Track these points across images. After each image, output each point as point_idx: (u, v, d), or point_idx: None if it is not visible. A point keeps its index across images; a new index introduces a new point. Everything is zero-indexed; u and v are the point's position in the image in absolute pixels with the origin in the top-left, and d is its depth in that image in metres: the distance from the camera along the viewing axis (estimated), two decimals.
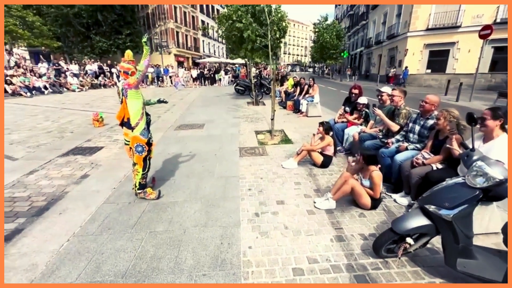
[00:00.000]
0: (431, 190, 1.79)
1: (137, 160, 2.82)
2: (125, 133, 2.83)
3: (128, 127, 2.75)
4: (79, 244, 2.26)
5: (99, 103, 10.72)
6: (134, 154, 2.80)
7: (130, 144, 2.79)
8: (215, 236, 2.35)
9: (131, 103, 2.66)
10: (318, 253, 2.14)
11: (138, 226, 2.52)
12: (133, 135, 2.73)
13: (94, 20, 24.38)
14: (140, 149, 2.77)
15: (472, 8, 16.52)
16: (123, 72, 2.67)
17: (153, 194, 3.00)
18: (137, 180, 2.90)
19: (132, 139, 2.75)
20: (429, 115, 3.07)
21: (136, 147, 2.76)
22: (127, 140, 2.84)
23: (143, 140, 2.77)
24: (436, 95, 3.11)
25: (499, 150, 2.09)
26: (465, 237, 1.64)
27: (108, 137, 5.66)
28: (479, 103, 10.77)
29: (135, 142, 2.75)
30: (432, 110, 3.05)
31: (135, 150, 2.77)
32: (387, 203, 2.93)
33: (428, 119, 3.06)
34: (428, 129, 3.05)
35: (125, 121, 2.74)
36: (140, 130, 2.73)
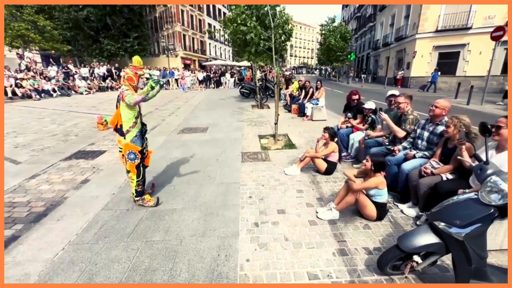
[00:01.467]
0: (441, 205, 1.66)
1: (130, 168, 2.76)
2: (118, 140, 2.78)
3: (121, 134, 2.69)
4: (74, 253, 2.21)
5: (105, 106, 10.83)
6: (126, 162, 2.74)
7: (123, 151, 2.73)
8: (212, 247, 2.27)
9: (123, 111, 2.60)
10: (319, 268, 2.03)
11: (134, 234, 2.46)
12: (125, 142, 2.67)
13: (103, 24, 24.85)
14: (133, 157, 2.70)
15: (483, 9, 16.11)
16: (124, 78, 2.64)
17: (152, 201, 2.94)
18: (133, 187, 2.85)
19: (124, 146, 2.70)
20: (439, 120, 2.92)
21: (129, 154, 2.70)
22: (120, 147, 2.78)
23: (136, 148, 2.71)
24: (447, 100, 2.97)
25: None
26: (478, 257, 1.50)
27: (112, 141, 5.67)
28: (490, 107, 10.44)
29: (127, 150, 2.69)
30: (443, 115, 2.91)
31: (127, 158, 2.71)
32: (394, 213, 2.79)
33: (438, 125, 2.92)
34: (438, 135, 2.90)
35: (118, 127, 2.68)
36: (131, 137, 2.66)
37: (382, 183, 2.53)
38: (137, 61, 2.66)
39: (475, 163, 1.78)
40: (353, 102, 4.76)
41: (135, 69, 2.64)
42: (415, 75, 19.55)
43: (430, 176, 2.61)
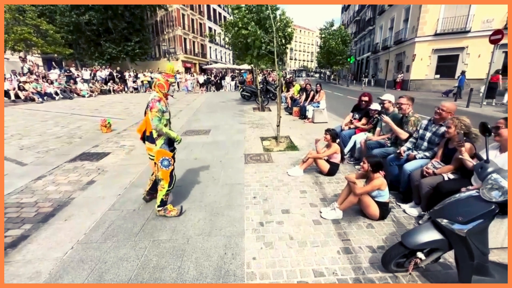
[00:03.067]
0: (443, 203, 1.71)
1: (163, 175, 2.65)
2: (148, 148, 2.69)
3: (151, 141, 2.61)
4: (83, 252, 2.25)
5: (107, 108, 10.91)
6: (159, 169, 2.64)
7: (155, 159, 2.62)
8: (218, 246, 2.31)
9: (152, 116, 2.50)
10: (325, 266, 2.07)
11: (141, 234, 2.50)
12: (157, 149, 2.58)
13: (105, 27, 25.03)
14: (166, 163, 2.62)
15: (481, 13, 16.30)
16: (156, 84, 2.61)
17: (174, 211, 2.80)
18: (161, 196, 2.70)
19: (156, 153, 2.59)
20: (443, 122, 2.98)
21: (162, 161, 2.60)
22: (151, 155, 2.69)
23: (168, 153, 2.63)
24: (453, 103, 3.02)
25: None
26: (480, 253, 1.55)
27: (115, 143, 5.72)
28: (490, 109, 10.51)
29: (160, 157, 2.59)
30: (448, 117, 2.96)
31: (160, 165, 2.61)
32: (396, 213, 2.84)
33: (441, 126, 2.97)
34: (439, 136, 2.95)
35: (147, 135, 2.62)
36: (160, 144, 2.58)
37: (384, 184, 2.58)
38: (170, 69, 2.65)
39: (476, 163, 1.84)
40: (362, 104, 4.80)
41: (167, 76, 2.61)
42: (415, 78, 19.69)
43: (432, 176, 2.66)
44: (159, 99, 2.53)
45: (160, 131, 2.52)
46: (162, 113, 2.54)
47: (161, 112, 2.52)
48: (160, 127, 2.50)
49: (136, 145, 5.57)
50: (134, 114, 9.63)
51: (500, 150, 2.21)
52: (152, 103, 2.48)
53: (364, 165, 2.64)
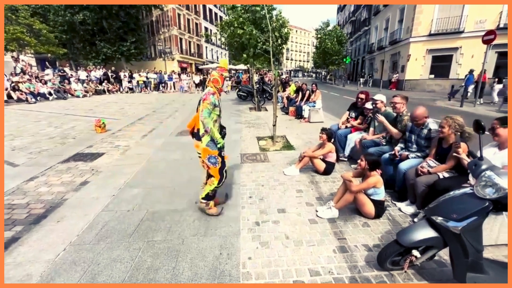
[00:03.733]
0: (438, 200, 1.71)
1: (213, 172, 2.65)
2: (195, 145, 2.70)
3: (198, 139, 2.61)
4: (75, 254, 2.21)
5: (102, 109, 10.79)
6: (209, 167, 2.64)
7: (202, 156, 2.62)
8: (214, 246, 2.29)
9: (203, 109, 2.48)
10: (320, 265, 2.06)
11: (136, 235, 2.47)
12: (203, 147, 2.56)
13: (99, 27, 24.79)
14: (214, 161, 2.60)
15: (474, 14, 16.51)
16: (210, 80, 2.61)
17: (215, 209, 2.78)
18: (208, 190, 2.70)
19: (203, 151, 2.58)
20: (422, 125, 3.02)
21: (209, 158, 2.59)
22: (198, 152, 2.69)
23: (214, 152, 2.58)
24: (421, 106, 3.04)
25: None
26: (474, 250, 1.55)
27: (110, 143, 5.66)
28: (483, 109, 10.65)
29: (206, 154, 2.58)
30: (424, 121, 3.01)
31: (208, 162, 2.61)
32: (392, 212, 2.85)
33: (422, 129, 3.02)
34: (424, 138, 3.02)
35: (196, 131, 2.63)
36: (206, 141, 2.54)
37: (379, 182, 2.58)
38: (224, 63, 2.66)
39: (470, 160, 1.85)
40: (359, 101, 4.79)
41: (221, 71, 2.61)
42: (410, 78, 19.86)
43: (427, 175, 2.67)
44: (213, 92, 2.54)
45: (207, 125, 2.45)
46: (214, 107, 2.50)
47: (213, 105, 2.48)
48: (207, 120, 2.45)
49: (131, 145, 5.51)
50: (129, 114, 9.55)
51: (499, 148, 2.23)
52: (206, 96, 2.47)
53: (361, 162, 2.65)
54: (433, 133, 2.95)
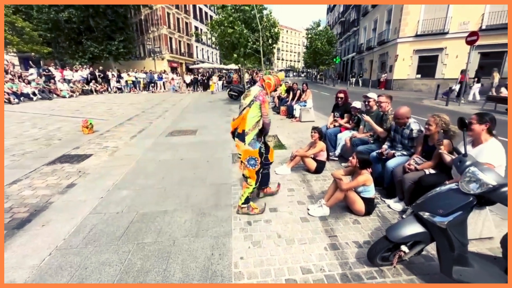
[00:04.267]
0: (425, 197, 1.76)
1: (250, 174, 2.63)
2: (237, 145, 2.67)
3: (241, 139, 2.58)
4: (62, 258, 2.14)
5: (89, 109, 10.52)
6: (246, 168, 2.63)
7: (242, 158, 2.61)
8: (205, 247, 2.27)
9: (253, 111, 2.52)
10: (312, 262, 2.08)
11: (125, 237, 2.42)
12: (245, 149, 2.56)
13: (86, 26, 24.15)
14: (253, 162, 2.59)
15: (458, 15, 17.04)
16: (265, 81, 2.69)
17: (257, 209, 2.78)
18: (246, 194, 2.69)
19: (243, 152, 2.58)
20: (404, 125, 3.10)
21: (249, 160, 2.58)
22: (238, 153, 2.68)
23: (255, 152, 2.58)
24: (405, 107, 3.11)
25: (488, 154, 2.10)
26: (460, 244, 1.60)
27: (98, 144, 5.52)
28: (468, 108, 10.99)
29: (247, 156, 2.58)
30: (406, 121, 3.08)
31: (247, 164, 2.59)
32: (381, 208, 2.90)
33: (404, 129, 3.11)
34: (407, 138, 3.10)
35: (239, 132, 2.59)
36: (249, 140, 2.55)
37: (369, 180, 2.63)
38: (282, 76, 2.84)
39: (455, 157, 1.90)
40: (338, 100, 4.88)
41: (278, 82, 2.75)
42: (397, 77, 20.31)
43: (414, 171, 2.73)
44: (266, 93, 2.63)
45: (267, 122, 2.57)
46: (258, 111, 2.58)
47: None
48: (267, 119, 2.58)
49: (119, 146, 5.40)
50: (118, 114, 9.35)
51: (472, 145, 2.31)
52: (262, 98, 2.54)
53: (352, 160, 2.68)
54: (415, 133, 3.02)
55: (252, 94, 2.57)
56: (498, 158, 2.10)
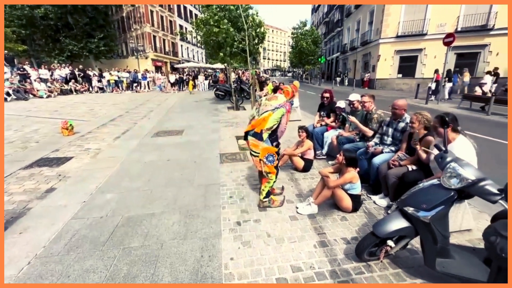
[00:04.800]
0: (409, 192, 1.81)
1: (270, 169, 2.74)
2: (254, 145, 2.71)
3: (259, 138, 2.65)
4: (42, 267, 2.03)
5: (69, 110, 10.08)
6: (265, 165, 2.71)
7: (260, 155, 2.69)
8: (194, 249, 2.23)
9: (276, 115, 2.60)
10: (302, 260, 2.10)
11: (110, 242, 2.33)
12: (264, 147, 2.65)
13: (64, 22, 23.12)
14: (271, 159, 2.71)
15: (436, 18, 17.79)
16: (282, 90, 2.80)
17: (278, 202, 2.92)
18: (268, 188, 2.80)
19: (262, 150, 2.67)
20: (400, 118, 3.19)
21: (267, 157, 2.68)
22: (256, 151, 2.72)
23: (273, 149, 2.71)
24: (403, 99, 3.24)
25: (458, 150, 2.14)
26: (442, 237, 1.67)
27: (79, 146, 5.30)
28: (446, 106, 11.51)
29: (265, 153, 2.67)
30: (403, 113, 3.17)
31: (266, 160, 2.69)
32: (367, 205, 2.97)
33: (399, 122, 3.18)
34: (400, 131, 3.17)
35: (257, 132, 2.64)
36: (265, 138, 2.66)
37: (355, 177, 2.68)
38: (298, 84, 2.98)
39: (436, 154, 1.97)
40: (324, 100, 4.96)
41: (294, 89, 2.84)
42: (380, 77, 20.93)
43: (398, 167, 2.82)
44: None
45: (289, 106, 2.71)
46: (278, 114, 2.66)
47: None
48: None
49: (102, 148, 5.21)
50: (100, 115, 9.03)
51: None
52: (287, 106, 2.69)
53: (339, 157, 2.73)
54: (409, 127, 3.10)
55: (279, 100, 2.68)
56: (467, 154, 2.16)
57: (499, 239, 0.89)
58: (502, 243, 0.87)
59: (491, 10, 16.16)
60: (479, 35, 16.79)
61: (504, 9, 15.64)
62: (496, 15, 15.96)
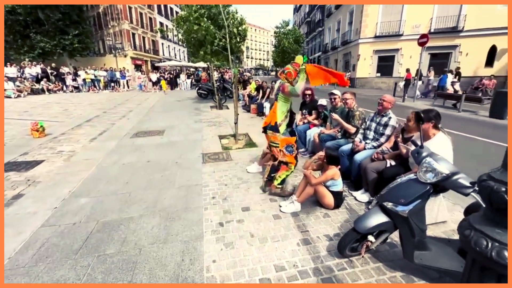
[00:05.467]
0: (388, 187, 1.85)
1: (289, 159, 2.92)
2: (273, 137, 2.94)
3: (276, 130, 2.89)
4: (6, 280, 1.87)
5: (40, 110, 9.48)
6: (285, 155, 2.91)
7: (280, 146, 2.91)
8: (175, 253, 2.15)
9: (280, 103, 2.87)
10: (285, 259, 2.08)
11: (84, 250, 2.20)
12: (282, 138, 2.88)
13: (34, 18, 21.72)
14: (290, 149, 2.90)
15: (411, 19, 18.57)
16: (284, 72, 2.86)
17: (287, 192, 3.07)
18: (284, 175, 2.97)
19: (281, 141, 2.89)
20: (384, 112, 3.25)
21: (287, 147, 2.88)
22: (275, 143, 2.95)
23: (292, 140, 2.92)
24: (391, 96, 3.33)
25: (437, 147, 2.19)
26: (419, 230, 1.71)
27: (51, 149, 4.99)
28: (421, 103, 12.04)
29: (284, 144, 2.89)
30: (389, 108, 3.24)
31: (286, 151, 2.88)
32: (349, 201, 3.02)
33: (383, 116, 3.25)
34: (382, 125, 3.23)
35: (272, 125, 2.89)
36: (282, 130, 2.90)
37: (337, 174, 2.71)
38: (300, 59, 2.93)
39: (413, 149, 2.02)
40: (306, 98, 4.99)
41: (296, 66, 2.84)
42: (360, 76, 21.56)
43: (377, 162, 2.89)
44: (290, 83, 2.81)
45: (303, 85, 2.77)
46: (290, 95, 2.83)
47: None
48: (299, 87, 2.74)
49: (77, 150, 4.94)
50: (75, 115, 8.58)
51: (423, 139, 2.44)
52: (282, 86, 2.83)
53: (321, 153, 2.76)
54: (392, 121, 3.17)
55: (276, 87, 2.95)
56: (445, 150, 2.25)
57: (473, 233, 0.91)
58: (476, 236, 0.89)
59: (461, 12, 17.11)
60: (450, 36, 17.73)
61: (472, 12, 16.61)
62: (465, 17, 16.91)
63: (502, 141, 5.74)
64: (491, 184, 0.87)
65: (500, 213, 0.86)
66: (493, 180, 0.86)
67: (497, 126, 7.52)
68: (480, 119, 8.47)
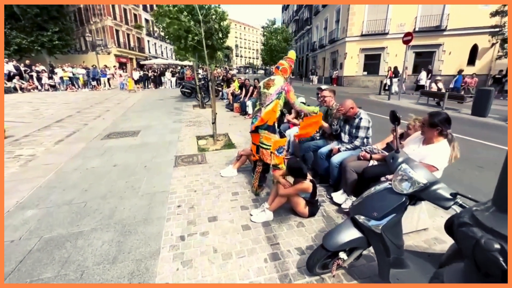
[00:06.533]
0: (361, 198, 1.62)
1: (279, 161, 2.84)
2: (266, 138, 2.81)
3: (272, 131, 2.79)
4: None
5: (7, 110, 8.82)
6: (275, 157, 2.81)
7: (272, 148, 2.79)
8: (123, 275, 1.86)
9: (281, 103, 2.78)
10: (249, 279, 1.83)
11: (16, 274, 1.88)
12: (276, 140, 2.78)
13: (9, 13, 20.56)
14: (281, 150, 2.84)
15: (396, 18, 18.69)
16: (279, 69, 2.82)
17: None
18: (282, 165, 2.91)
19: (274, 143, 2.78)
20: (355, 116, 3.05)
21: (279, 149, 2.80)
22: (267, 144, 2.81)
23: (284, 141, 2.88)
24: (347, 100, 3.07)
25: (435, 156, 2.02)
26: (395, 247, 1.50)
27: (8, 153, 4.55)
28: (407, 102, 12.08)
29: (277, 146, 2.78)
30: (352, 111, 3.02)
31: (277, 153, 2.79)
32: (326, 207, 2.80)
33: (355, 119, 3.05)
34: (355, 127, 3.04)
35: (270, 124, 2.76)
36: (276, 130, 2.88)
37: (309, 188, 2.43)
38: (292, 54, 2.92)
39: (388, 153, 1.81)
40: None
41: (290, 62, 2.80)
42: (347, 74, 21.58)
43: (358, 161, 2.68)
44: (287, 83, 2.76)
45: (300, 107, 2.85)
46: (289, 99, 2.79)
47: None
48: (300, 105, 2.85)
49: (38, 153, 4.52)
50: (45, 115, 8.03)
51: (423, 142, 2.18)
52: (287, 87, 2.72)
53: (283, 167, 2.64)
54: (363, 122, 2.97)
55: (277, 84, 2.71)
56: (442, 162, 2.03)
57: None
58: None
59: (444, 12, 17.35)
60: (434, 35, 17.97)
61: (454, 11, 16.87)
62: (448, 16, 17.16)
63: (484, 139, 5.71)
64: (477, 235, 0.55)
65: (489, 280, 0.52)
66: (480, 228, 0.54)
67: (479, 124, 7.55)
68: (463, 117, 8.51)
